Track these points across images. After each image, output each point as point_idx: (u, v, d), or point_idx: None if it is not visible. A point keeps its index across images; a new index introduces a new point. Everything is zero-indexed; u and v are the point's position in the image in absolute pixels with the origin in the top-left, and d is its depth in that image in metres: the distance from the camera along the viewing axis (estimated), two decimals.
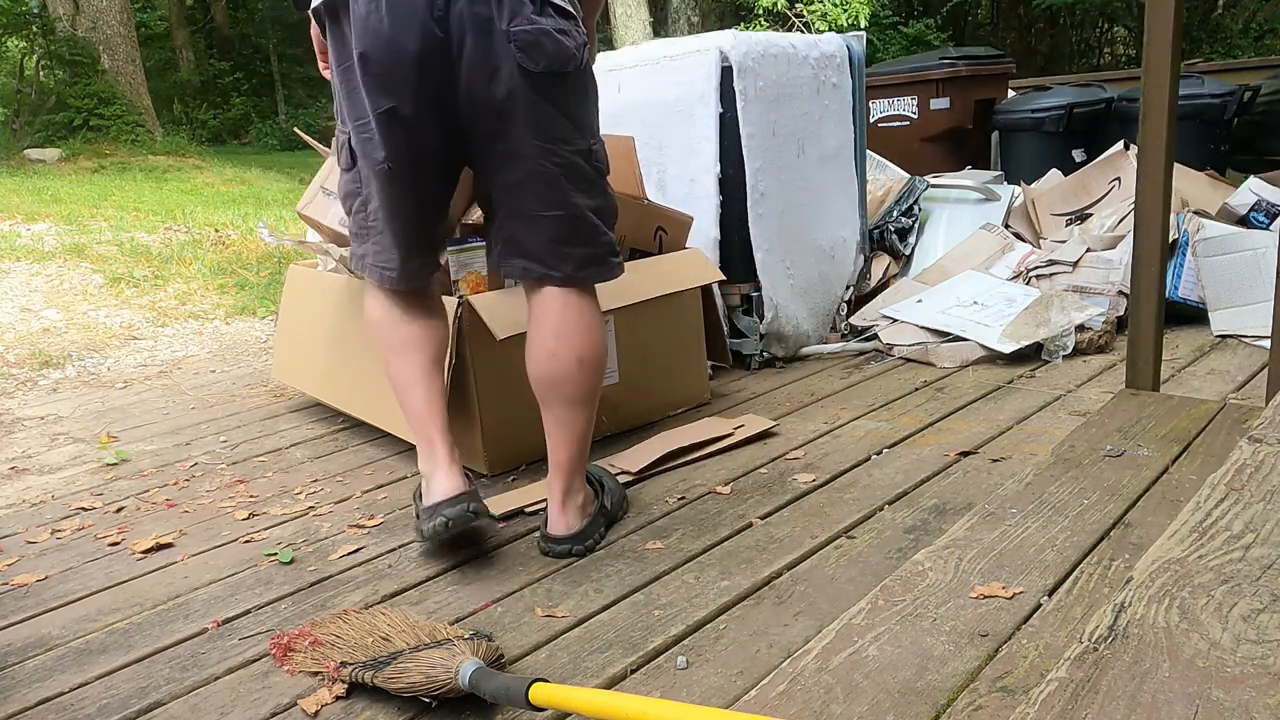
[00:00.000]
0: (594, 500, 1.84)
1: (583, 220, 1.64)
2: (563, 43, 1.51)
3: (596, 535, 1.79)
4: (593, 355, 1.67)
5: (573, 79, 1.56)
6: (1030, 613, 1.34)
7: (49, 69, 11.74)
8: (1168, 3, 1.96)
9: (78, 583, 1.81)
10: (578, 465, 1.75)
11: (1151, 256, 2.11)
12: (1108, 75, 6.03)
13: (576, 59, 1.54)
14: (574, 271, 1.66)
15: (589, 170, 1.64)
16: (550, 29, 1.49)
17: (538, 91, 1.52)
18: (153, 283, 4.87)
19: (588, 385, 1.68)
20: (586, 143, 1.62)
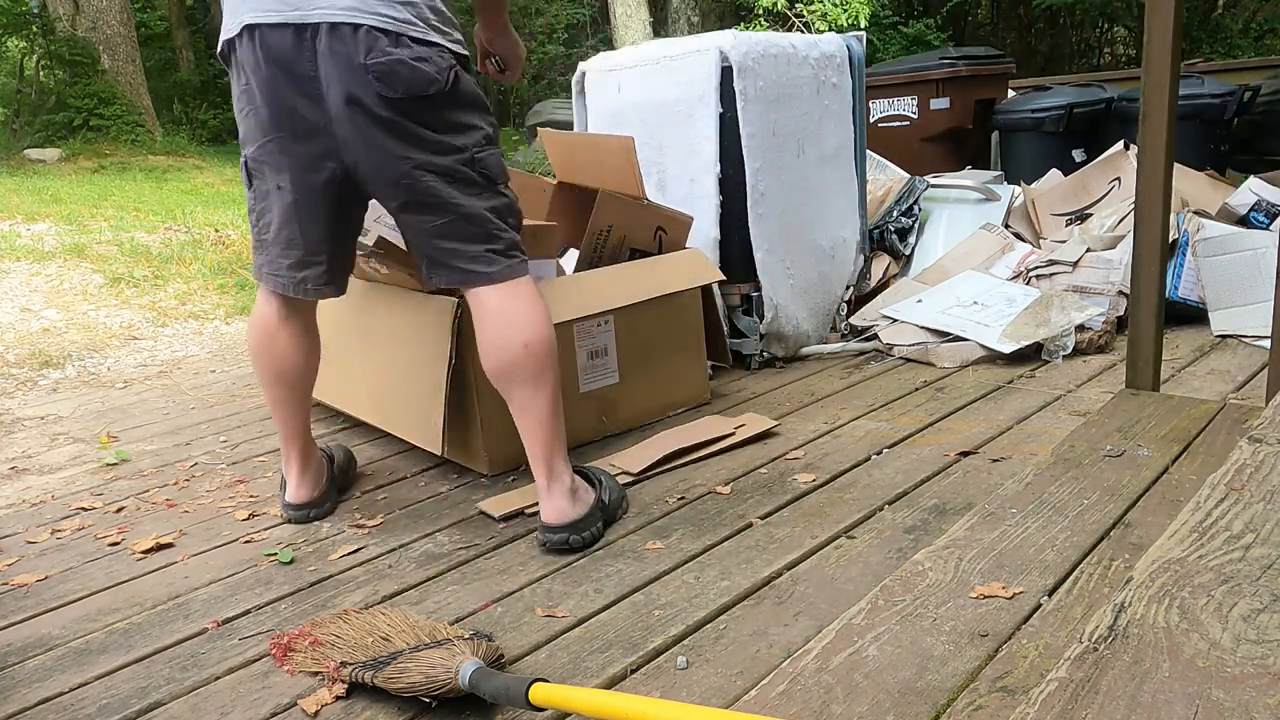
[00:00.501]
0: (590, 490, 1.86)
1: (477, 218, 1.75)
2: (419, 69, 1.64)
3: (595, 528, 1.81)
4: (537, 338, 1.76)
5: (438, 98, 1.68)
6: (1030, 613, 1.34)
7: (49, 69, 11.74)
8: (1168, 3, 1.96)
9: (78, 583, 1.81)
10: (553, 449, 1.79)
11: (1151, 256, 2.11)
12: (1108, 75, 6.03)
13: (438, 81, 1.66)
14: (484, 269, 1.76)
15: (473, 175, 1.74)
16: (406, 58, 1.62)
17: (403, 114, 1.65)
18: (153, 283, 4.87)
19: (537, 367, 1.76)
20: (469, 152, 1.72)
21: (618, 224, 2.47)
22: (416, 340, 2.23)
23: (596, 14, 13.88)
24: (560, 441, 1.80)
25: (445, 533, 1.93)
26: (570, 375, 2.31)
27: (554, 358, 1.78)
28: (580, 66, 3.21)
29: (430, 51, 1.65)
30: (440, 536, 1.91)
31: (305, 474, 2.02)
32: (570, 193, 2.71)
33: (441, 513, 2.03)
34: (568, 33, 13.92)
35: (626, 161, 2.48)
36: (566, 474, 1.80)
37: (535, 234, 2.27)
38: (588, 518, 1.79)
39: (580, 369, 2.32)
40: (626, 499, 1.97)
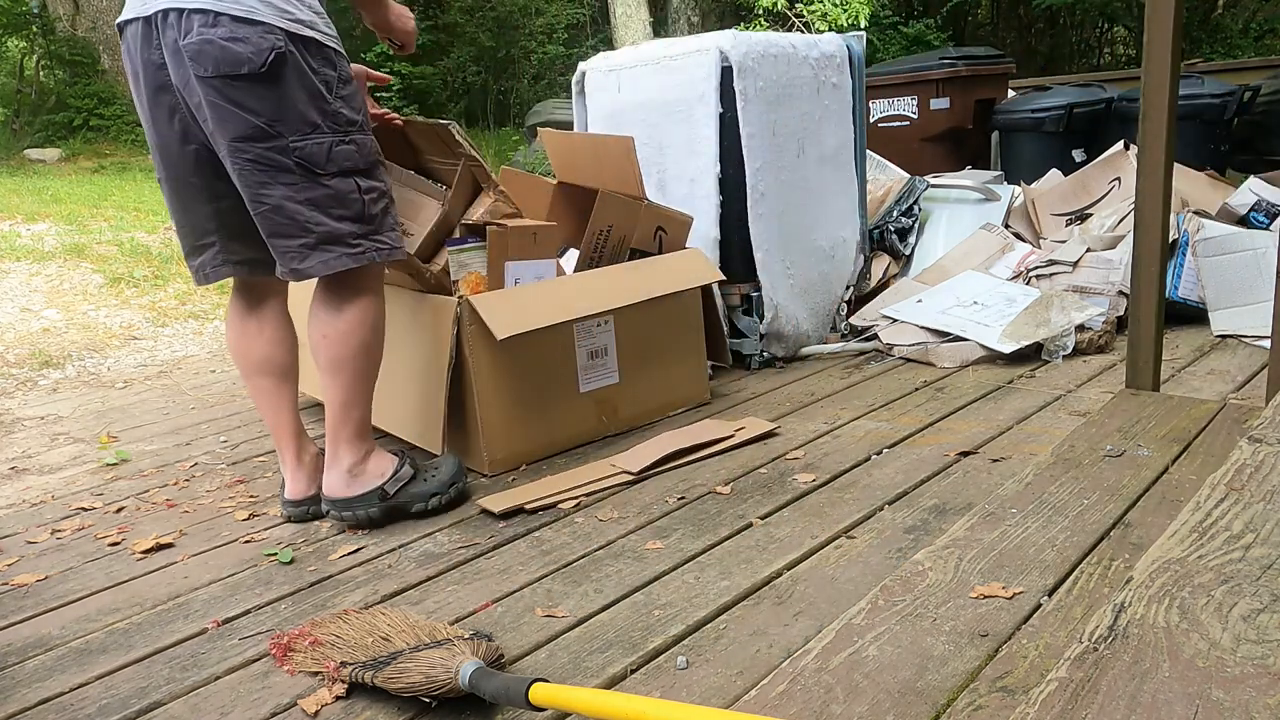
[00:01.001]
0: (380, 479, 1.94)
1: (286, 210, 1.77)
2: (229, 49, 1.67)
3: (366, 511, 1.92)
4: (335, 332, 1.86)
5: (255, 80, 1.69)
6: (1030, 613, 1.34)
7: (49, 69, 11.74)
8: (1168, 3, 1.96)
9: (78, 583, 1.81)
10: (338, 432, 1.91)
11: (1151, 256, 2.11)
12: (1108, 75, 6.03)
13: (252, 61, 1.67)
14: (296, 265, 1.81)
15: (289, 163, 1.75)
16: (216, 38, 1.66)
17: (218, 94, 1.70)
18: (153, 283, 4.87)
19: (332, 357, 1.87)
20: (285, 139, 1.73)
21: (618, 224, 2.47)
22: (416, 340, 2.23)
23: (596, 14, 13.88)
24: (348, 428, 1.90)
25: (445, 532, 1.93)
26: (570, 375, 2.31)
27: (353, 353, 1.86)
28: (580, 66, 3.21)
29: (250, 31, 1.66)
30: (440, 536, 1.91)
31: (300, 469, 2.03)
32: (571, 193, 2.71)
33: (441, 513, 2.03)
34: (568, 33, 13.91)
35: (627, 161, 2.48)
36: (349, 458, 1.91)
37: (535, 234, 2.27)
38: (358, 499, 1.91)
39: (580, 369, 2.32)
40: (440, 501, 1.98)
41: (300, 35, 1.71)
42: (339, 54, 1.80)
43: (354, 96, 1.82)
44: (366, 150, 1.84)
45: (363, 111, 1.85)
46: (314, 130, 1.75)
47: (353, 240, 1.82)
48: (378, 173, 1.87)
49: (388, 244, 1.88)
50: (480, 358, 2.13)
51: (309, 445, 2.06)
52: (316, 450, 2.08)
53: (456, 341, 2.10)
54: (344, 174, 1.79)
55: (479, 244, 2.21)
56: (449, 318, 2.10)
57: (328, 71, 1.76)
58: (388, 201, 1.90)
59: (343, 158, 1.78)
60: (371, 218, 1.84)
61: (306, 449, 2.04)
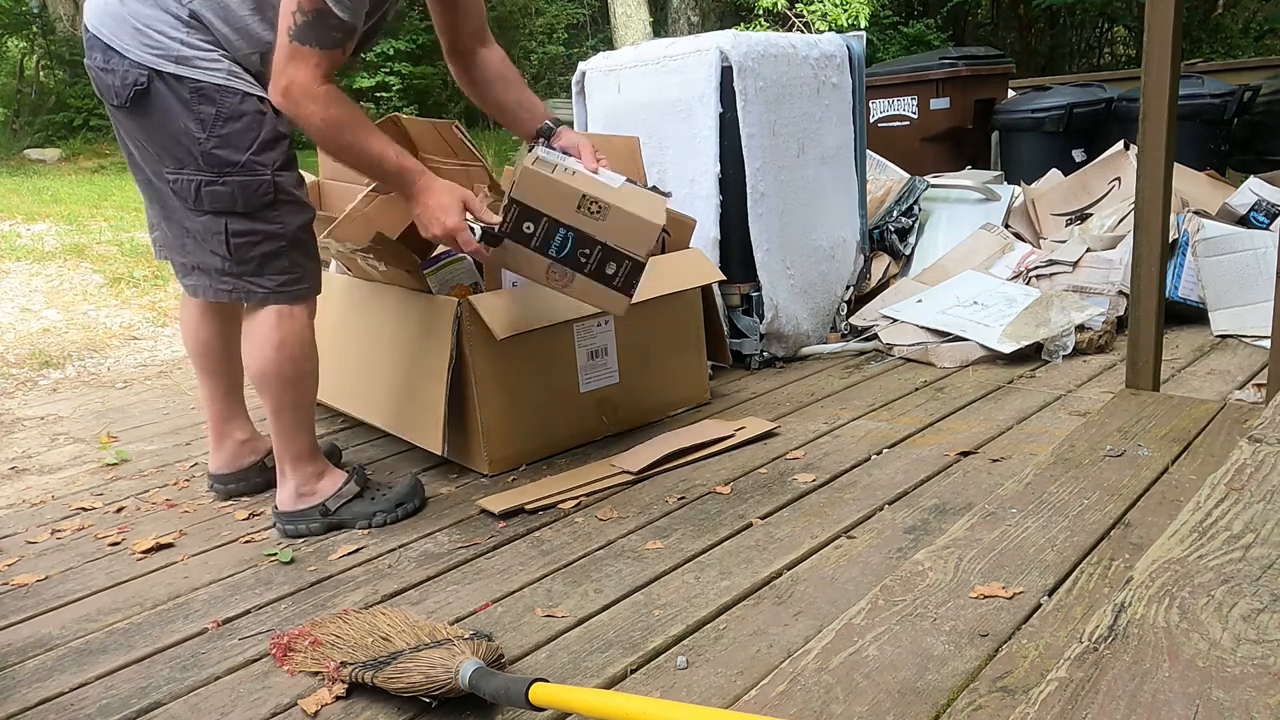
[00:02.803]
0: (321, 496, 1.94)
1: (168, 227, 1.85)
2: (102, 78, 1.70)
3: (305, 525, 1.93)
4: (247, 353, 1.87)
5: (125, 111, 1.71)
6: (1030, 613, 1.34)
7: (49, 69, 11.73)
8: (1168, 3, 1.96)
9: (78, 583, 1.81)
10: (283, 453, 1.93)
11: (1151, 256, 2.11)
12: (1108, 75, 6.02)
13: (119, 93, 1.69)
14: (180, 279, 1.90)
15: (165, 190, 1.78)
16: (95, 66, 1.70)
17: (114, 120, 1.77)
18: (153, 283, 4.87)
19: (262, 387, 1.87)
20: (161, 167, 1.76)
21: None
22: (417, 340, 2.23)
23: (596, 14, 13.88)
24: (289, 450, 1.92)
25: (445, 532, 1.93)
26: (570, 375, 2.31)
27: (264, 377, 1.85)
28: (580, 66, 3.21)
29: (118, 62, 1.68)
30: (440, 536, 1.91)
31: (219, 450, 2.15)
32: None
33: (441, 513, 2.03)
34: (568, 33, 13.91)
35: (632, 161, 2.48)
36: (295, 479, 1.93)
37: None
38: (300, 514, 1.93)
39: (580, 369, 2.32)
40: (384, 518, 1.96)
41: (167, 72, 1.67)
42: (223, 89, 1.70)
43: (240, 135, 1.71)
44: (248, 191, 1.74)
45: (254, 149, 1.73)
46: (182, 167, 1.73)
47: (220, 277, 1.81)
48: (265, 215, 1.77)
49: (263, 288, 1.80)
50: (480, 358, 2.13)
51: (234, 431, 2.15)
52: (244, 437, 2.17)
53: (456, 341, 2.10)
54: (215, 214, 1.75)
55: (454, 257, 2.19)
56: (449, 318, 2.10)
57: (203, 109, 1.69)
58: (278, 245, 1.79)
59: (212, 199, 1.73)
60: (244, 260, 1.78)
61: (229, 434, 2.15)
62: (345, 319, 2.46)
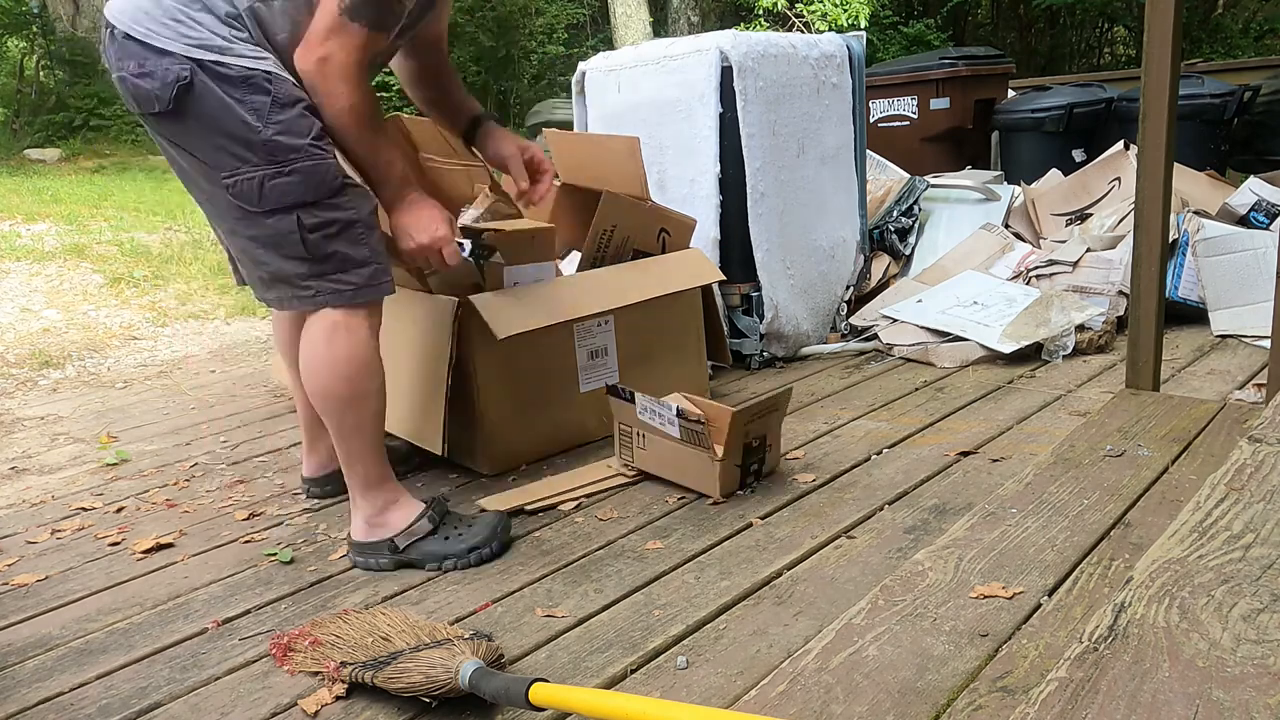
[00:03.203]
0: (393, 530, 1.77)
1: (239, 244, 1.72)
2: (141, 86, 1.57)
3: (375, 560, 1.78)
4: (306, 368, 1.73)
5: (170, 118, 1.60)
6: (1030, 613, 1.34)
7: (49, 69, 11.73)
8: (1168, 3, 1.96)
9: (78, 583, 1.81)
10: (349, 479, 1.79)
11: (1151, 256, 2.11)
12: (1108, 75, 6.03)
13: (160, 99, 1.56)
14: (262, 294, 1.75)
15: (226, 199, 1.64)
16: (129, 75, 1.58)
17: (154, 132, 1.67)
18: (153, 283, 4.87)
19: (311, 390, 1.74)
20: (218, 175, 1.62)
21: (621, 225, 2.47)
22: (417, 340, 2.23)
23: (596, 14, 13.88)
24: (354, 480, 1.78)
25: None
26: (570, 375, 2.31)
27: (324, 394, 1.72)
28: (580, 66, 3.21)
29: (154, 64, 1.56)
30: None
31: (312, 453, 2.15)
32: (575, 193, 2.70)
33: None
34: (568, 33, 13.91)
35: (632, 162, 2.47)
36: (366, 508, 1.78)
37: (534, 236, 2.27)
38: (369, 546, 1.78)
39: (580, 369, 2.32)
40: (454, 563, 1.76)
41: (208, 63, 1.56)
42: (271, 76, 1.60)
43: (298, 120, 1.61)
44: (316, 178, 1.62)
45: (313, 135, 1.63)
46: (240, 165, 1.60)
47: (302, 283, 1.67)
48: (336, 201, 1.65)
49: (350, 284, 1.68)
50: (480, 357, 2.13)
51: (325, 435, 2.01)
52: None
53: (457, 341, 2.10)
54: (283, 210, 1.62)
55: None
56: (450, 317, 2.10)
57: (255, 98, 1.58)
58: (357, 231, 1.68)
59: (279, 193, 1.61)
60: (325, 257, 1.65)
61: (321, 438, 2.10)
62: None
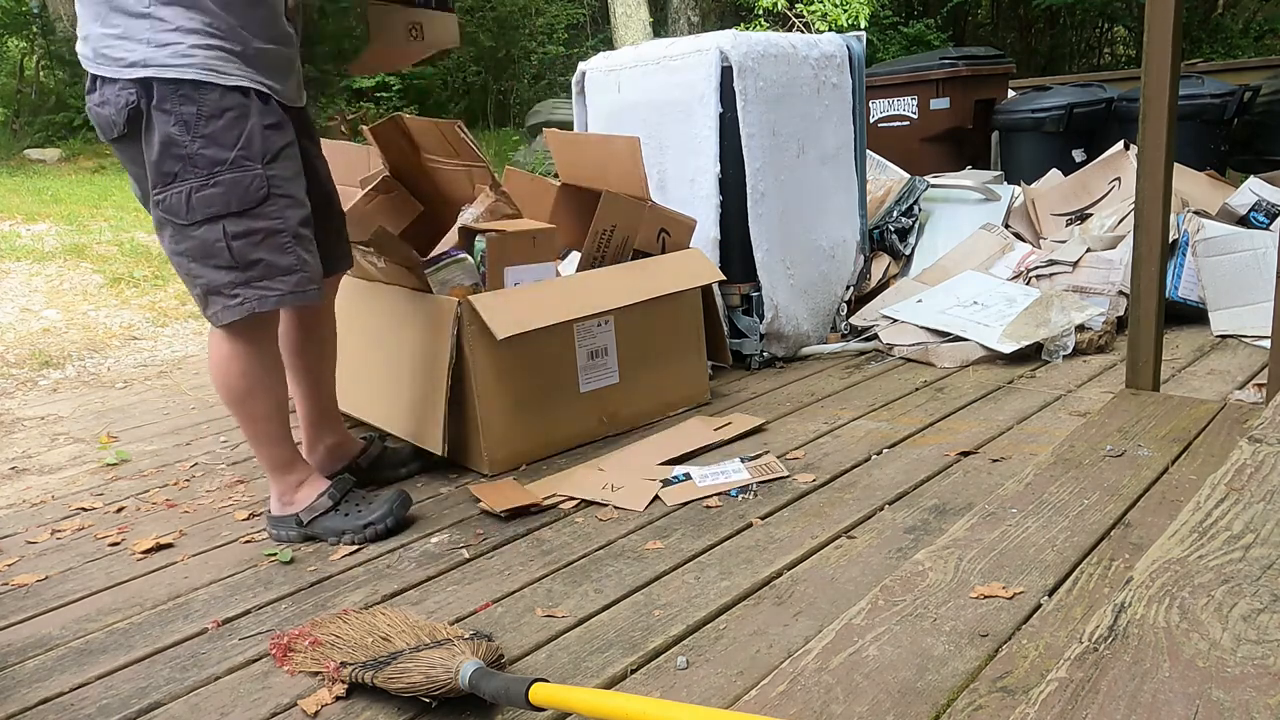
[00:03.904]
0: (296, 506, 1.93)
1: (174, 263, 1.78)
2: (100, 113, 1.67)
3: (285, 532, 1.94)
4: (219, 383, 1.85)
5: (124, 141, 1.69)
6: (1030, 613, 1.34)
7: (49, 69, 11.73)
8: (1168, 3, 1.96)
9: (78, 583, 1.81)
10: (261, 461, 1.94)
11: (1151, 256, 2.11)
12: (1108, 75, 6.02)
13: (116, 124, 1.66)
14: (203, 312, 1.81)
15: (160, 217, 1.73)
16: (92, 104, 1.68)
17: (121, 158, 1.75)
18: (153, 283, 4.87)
19: (228, 403, 1.88)
20: (153, 194, 1.71)
21: (621, 225, 2.47)
22: (417, 340, 2.23)
23: (596, 14, 13.88)
24: (265, 461, 1.93)
25: (445, 532, 1.93)
26: (570, 375, 2.31)
27: (240, 398, 1.84)
28: (580, 66, 3.21)
29: (109, 91, 1.64)
30: (440, 536, 1.91)
31: (310, 454, 2.14)
32: (575, 194, 2.70)
33: (441, 513, 2.03)
34: (568, 33, 13.91)
35: (632, 162, 2.47)
36: (277, 487, 1.94)
37: (534, 238, 2.27)
38: (281, 520, 1.94)
39: (580, 369, 2.32)
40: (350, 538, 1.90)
41: (143, 79, 1.62)
42: (201, 85, 1.64)
43: (225, 131, 1.66)
44: (240, 189, 1.68)
45: (241, 145, 1.68)
46: (172, 180, 1.67)
47: (230, 291, 1.74)
48: (260, 210, 1.71)
49: (275, 291, 1.75)
50: (480, 358, 2.13)
51: (325, 436, 2.15)
52: (334, 441, 2.17)
53: (456, 341, 2.10)
54: (209, 221, 1.69)
55: (454, 257, 2.19)
56: (449, 318, 2.10)
57: (184, 109, 1.64)
58: (282, 240, 1.74)
59: (205, 204, 1.67)
60: (249, 264, 1.72)
61: (321, 439, 2.14)
62: (346, 319, 2.45)
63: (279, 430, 1.91)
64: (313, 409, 2.13)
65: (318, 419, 2.14)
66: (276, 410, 1.89)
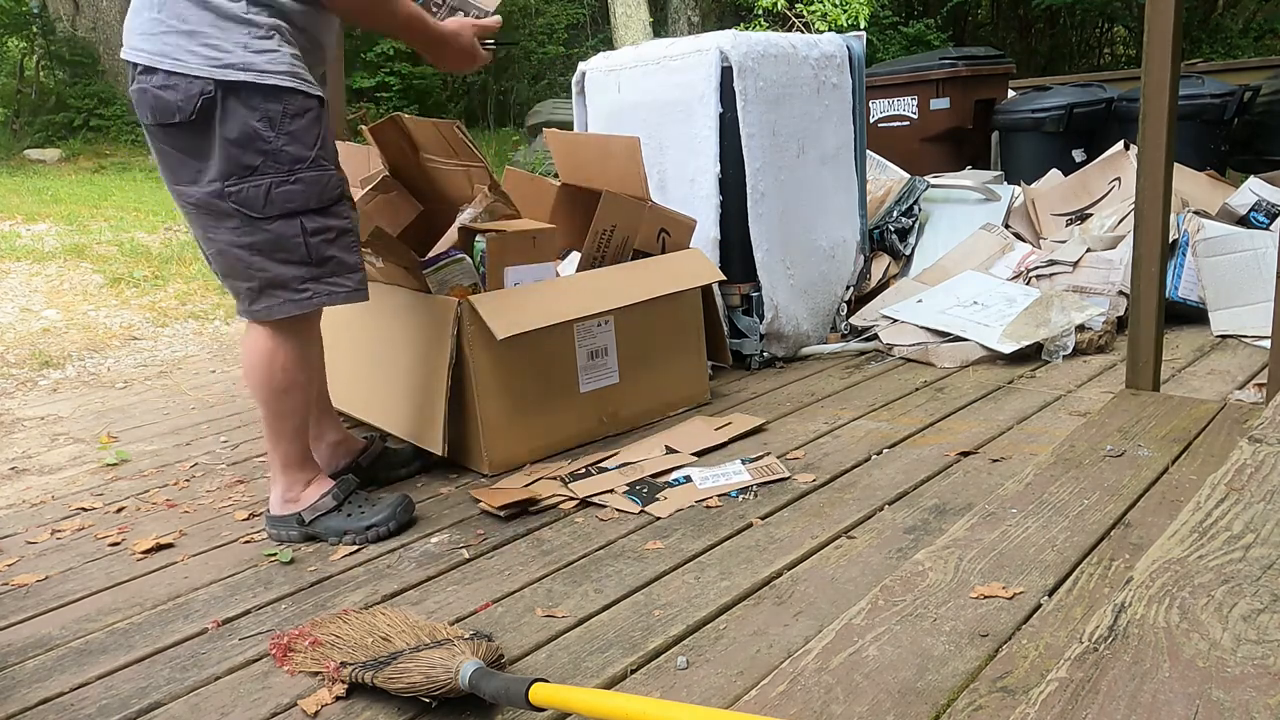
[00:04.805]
0: (300, 504, 1.92)
1: (230, 256, 1.78)
2: (162, 96, 1.68)
3: (285, 532, 1.93)
4: (252, 376, 1.86)
5: (187, 127, 1.69)
6: (1030, 613, 1.34)
7: (49, 69, 11.73)
8: (1168, 3, 1.96)
9: (78, 583, 1.81)
10: (274, 459, 1.94)
11: (1151, 256, 2.11)
12: (1108, 75, 6.02)
13: (182, 109, 1.67)
14: (247, 307, 1.82)
15: (228, 208, 1.73)
16: (151, 86, 1.68)
17: (159, 140, 1.74)
18: (153, 283, 4.87)
19: (256, 395, 1.89)
20: (220, 183, 1.71)
21: (621, 225, 2.47)
22: (417, 340, 2.23)
23: (596, 14, 13.88)
24: (279, 457, 1.92)
25: (445, 532, 1.93)
26: (570, 375, 2.31)
27: (277, 393, 1.85)
28: (580, 66, 3.21)
29: (180, 80, 1.66)
30: (440, 536, 1.91)
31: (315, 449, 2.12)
32: (575, 194, 2.70)
33: (441, 513, 2.03)
34: (568, 33, 13.91)
35: (632, 162, 2.47)
36: (282, 482, 1.93)
37: (534, 238, 2.27)
38: (282, 520, 1.93)
39: (580, 369, 2.32)
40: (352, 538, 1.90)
41: (232, 81, 1.66)
42: (288, 90, 1.70)
43: (306, 131, 1.73)
44: (318, 187, 1.75)
45: (319, 145, 1.75)
46: (251, 173, 1.70)
47: (299, 286, 1.78)
48: (335, 210, 1.79)
49: (343, 287, 1.82)
50: (480, 358, 2.13)
51: (326, 435, 2.15)
52: (336, 439, 2.18)
53: (457, 341, 2.10)
54: (287, 216, 1.73)
55: (453, 258, 2.19)
56: (449, 318, 2.10)
57: (270, 107, 1.69)
58: (349, 239, 1.83)
59: (285, 199, 1.72)
60: (323, 260, 1.78)
61: (321, 438, 2.14)
62: (346, 319, 2.46)
63: (302, 427, 1.93)
64: (315, 406, 2.12)
65: (319, 416, 2.14)
66: (306, 406, 1.92)
